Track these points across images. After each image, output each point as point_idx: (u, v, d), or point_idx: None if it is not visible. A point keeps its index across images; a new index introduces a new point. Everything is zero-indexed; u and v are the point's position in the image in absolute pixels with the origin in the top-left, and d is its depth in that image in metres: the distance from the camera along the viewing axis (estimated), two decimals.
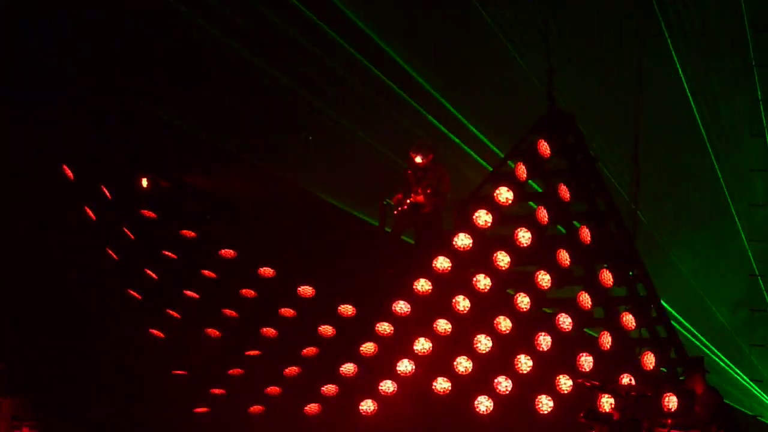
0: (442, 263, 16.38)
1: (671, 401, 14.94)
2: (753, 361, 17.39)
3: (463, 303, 16.33)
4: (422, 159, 16.91)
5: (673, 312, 17.48)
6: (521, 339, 16.12)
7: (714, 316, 17.85)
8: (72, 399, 16.13)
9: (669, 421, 14.17)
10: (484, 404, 15.88)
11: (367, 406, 16.28)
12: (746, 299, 17.46)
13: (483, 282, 16.31)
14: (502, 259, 16.30)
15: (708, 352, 17.28)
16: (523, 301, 16.19)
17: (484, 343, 16.17)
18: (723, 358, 17.57)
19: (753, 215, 17.46)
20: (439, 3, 19.29)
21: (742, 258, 17.53)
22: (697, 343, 17.44)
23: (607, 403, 15.12)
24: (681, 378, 15.37)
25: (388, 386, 16.33)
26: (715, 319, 17.88)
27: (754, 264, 17.46)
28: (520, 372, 15.95)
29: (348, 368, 16.60)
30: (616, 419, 14.18)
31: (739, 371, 17.55)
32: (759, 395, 17.49)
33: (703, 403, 14.68)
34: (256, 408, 16.60)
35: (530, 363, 15.97)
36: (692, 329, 17.53)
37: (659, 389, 15.05)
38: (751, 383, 17.51)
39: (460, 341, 16.30)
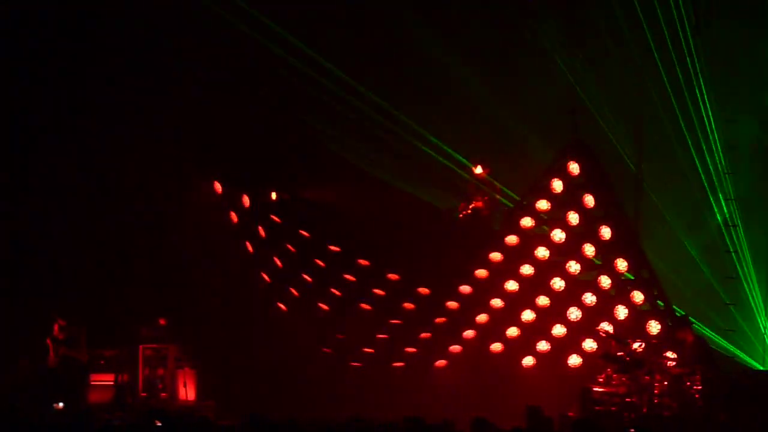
0: (495, 256, 20.76)
1: (669, 353, 18.46)
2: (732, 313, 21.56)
3: (512, 285, 20.63)
4: (482, 170, 21.06)
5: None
6: (557, 312, 20.30)
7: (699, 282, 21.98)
8: (219, 346, 20.88)
9: (666, 361, 18.24)
10: (527, 360, 20.17)
11: (439, 362, 20.62)
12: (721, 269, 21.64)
13: (527, 269, 20.60)
14: (542, 252, 20.59)
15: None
16: (558, 283, 20.46)
17: (528, 315, 20.48)
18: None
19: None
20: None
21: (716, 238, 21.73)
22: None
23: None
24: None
25: (455, 347, 20.66)
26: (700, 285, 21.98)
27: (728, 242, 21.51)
28: (556, 336, 20.25)
29: (425, 334, 20.85)
30: (625, 360, 18.42)
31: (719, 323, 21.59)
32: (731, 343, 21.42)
33: (692, 348, 18.35)
34: (356, 362, 20.93)
35: (563, 330, 20.23)
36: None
37: (660, 343, 18.83)
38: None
39: (510, 314, 20.57)
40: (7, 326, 20.45)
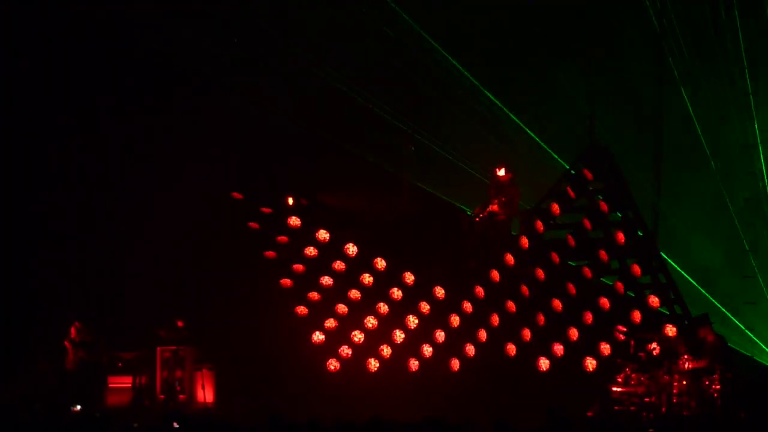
0: (511, 258, 20.64)
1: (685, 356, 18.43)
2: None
3: (526, 288, 20.48)
4: (504, 174, 20.86)
5: (691, 280, 21.86)
6: (572, 315, 20.15)
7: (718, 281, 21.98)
8: (236, 348, 20.93)
9: (683, 363, 18.18)
10: (543, 363, 20.01)
11: (455, 363, 20.51)
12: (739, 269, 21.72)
13: (542, 273, 20.44)
14: (557, 255, 20.47)
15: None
16: (573, 287, 20.29)
17: (543, 318, 20.29)
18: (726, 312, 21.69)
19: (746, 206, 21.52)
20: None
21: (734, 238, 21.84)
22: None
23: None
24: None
25: (470, 349, 20.53)
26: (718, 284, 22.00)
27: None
28: (572, 339, 20.06)
29: (440, 335, 20.84)
30: (642, 359, 18.66)
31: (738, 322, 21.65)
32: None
33: (712, 347, 18.38)
34: (374, 363, 20.90)
35: (579, 332, 19.98)
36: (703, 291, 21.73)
37: (677, 342, 18.82)
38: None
39: (524, 317, 20.45)
40: (25, 329, 20.57)
